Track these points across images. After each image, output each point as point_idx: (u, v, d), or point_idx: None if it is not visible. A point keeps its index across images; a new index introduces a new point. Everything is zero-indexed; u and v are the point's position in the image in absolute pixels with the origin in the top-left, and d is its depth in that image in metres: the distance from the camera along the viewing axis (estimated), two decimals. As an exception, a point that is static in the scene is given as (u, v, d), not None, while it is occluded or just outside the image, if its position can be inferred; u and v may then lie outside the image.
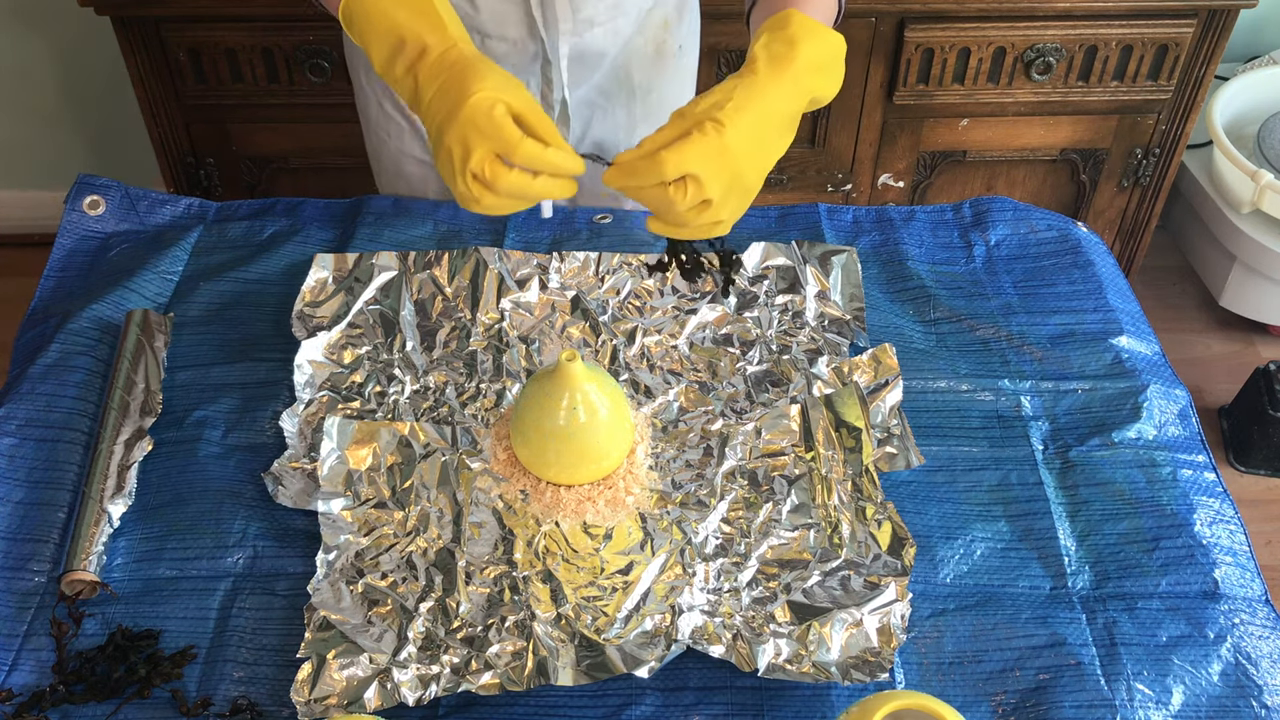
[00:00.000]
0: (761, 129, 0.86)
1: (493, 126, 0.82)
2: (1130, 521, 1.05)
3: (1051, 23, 1.86)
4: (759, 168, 0.88)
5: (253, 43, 1.81)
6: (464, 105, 0.82)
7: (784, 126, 0.90)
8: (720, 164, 0.84)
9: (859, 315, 1.21)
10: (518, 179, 0.84)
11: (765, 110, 0.87)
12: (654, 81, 1.32)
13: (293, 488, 1.05)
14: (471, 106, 0.82)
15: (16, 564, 1.01)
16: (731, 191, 0.86)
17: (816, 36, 0.90)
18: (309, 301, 1.21)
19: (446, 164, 0.84)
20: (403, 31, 0.87)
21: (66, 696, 0.92)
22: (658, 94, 1.33)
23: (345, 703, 0.90)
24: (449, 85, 0.84)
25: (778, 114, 0.88)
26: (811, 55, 0.89)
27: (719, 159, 0.84)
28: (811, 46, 0.89)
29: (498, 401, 1.13)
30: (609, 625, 0.95)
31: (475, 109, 0.82)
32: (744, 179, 0.87)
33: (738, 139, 0.84)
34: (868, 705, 0.81)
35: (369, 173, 2.02)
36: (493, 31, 1.22)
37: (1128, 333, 1.22)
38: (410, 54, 0.87)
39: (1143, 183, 2.09)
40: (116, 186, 1.35)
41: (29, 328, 1.23)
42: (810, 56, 0.89)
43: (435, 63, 0.86)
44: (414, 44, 0.87)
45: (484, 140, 0.82)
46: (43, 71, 2.30)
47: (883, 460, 1.08)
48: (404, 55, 0.88)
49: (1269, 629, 0.98)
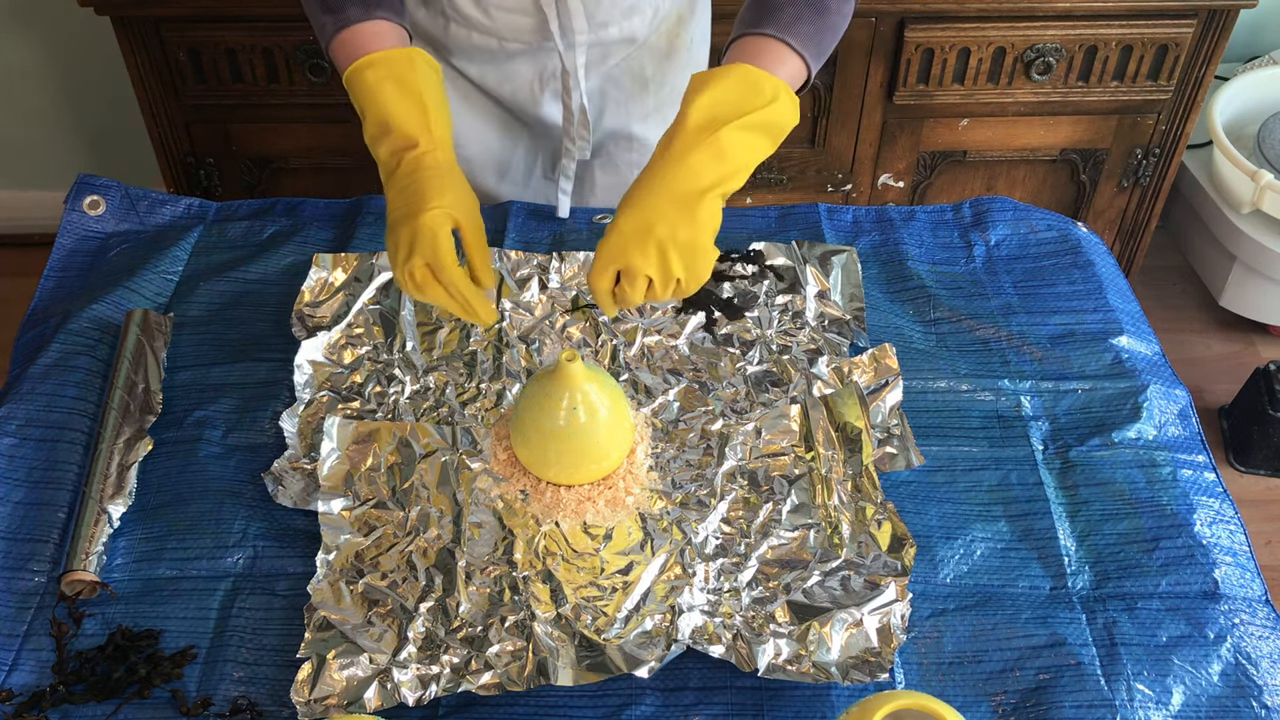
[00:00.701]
0: (658, 198, 0.90)
1: (434, 244, 0.91)
2: (1130, 521, 1.05)
3: (1051, 23, 1.86)
4: (675, 225, 0.90)
5: (253, 43, 1.81)
6: (421, 214, 0.91)
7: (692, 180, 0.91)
8: (622, 246, 0.89)
9: (859, 315, 1.21)
10: (441, 293, 0.93)
11: (654, 183, 0.90)
12: (667, 74, 1.32)
13: (293, 488, 1.05)
14: (426, 219, 0.91)
15: (16, 564, 1.01)
16: (660, 258, 0.89)
17: (702, 91, 0.92)
18: (309, 301, 1.21)
19: (392, 253, 0.94)
20: (392, 120, 0.96)
21: (66, 696, 0.92)
22: (670, 87, 1.33)
23: (345, 703, 0.90)
24: (418, 186, 0.93)
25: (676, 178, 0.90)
26: (699, 113, 0.91)
27: (621, 243, 0.89)
28: (697, 107, 0.91)
29: (498, 401, 1.13)
30: (609, 625, 0.95)
31: (426, 223, 0.91)
32: (667, 242, 0.89)
33: (629, 221, 0.89)
34: (868, 705, 0.81)
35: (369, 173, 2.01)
36: (509, 37, 1.23)
37: (1128, 333, 1.22)
38: (395, 142, 0.96)
39: (1143, 183, 2.09)
40: (116, 186, 1.35)
41: (29, 328, 1.23)
42: (698, 115, 0.91)
43: (414, 159, 0.95)
44: (400, 135, 0.96)
45: (424, 251, 0.91)
46: (43, 71, 2.30)
47: (883, 460, 1.08)
48: (389, 140, 0.96)
49: (1269, 629, 0.98)
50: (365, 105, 0.98)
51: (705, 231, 0.91)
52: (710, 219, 0.91)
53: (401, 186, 0.95)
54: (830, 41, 1.01)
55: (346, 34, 1.01)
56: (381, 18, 1.02)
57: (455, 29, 1.24)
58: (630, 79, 1.31)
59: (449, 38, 1.25)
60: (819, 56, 1.01)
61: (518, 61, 1.26)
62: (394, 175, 0.96)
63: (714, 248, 0.92)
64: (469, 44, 1.24)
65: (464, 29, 1.23)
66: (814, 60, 1.00)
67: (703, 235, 0.90)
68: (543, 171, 1.40)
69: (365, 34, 1.01)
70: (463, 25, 1.23)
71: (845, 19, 1.03)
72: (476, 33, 1.23)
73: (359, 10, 1.02)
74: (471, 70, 1.29)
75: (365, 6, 1.02)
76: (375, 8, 1.02)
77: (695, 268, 0.91)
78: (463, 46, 1.25)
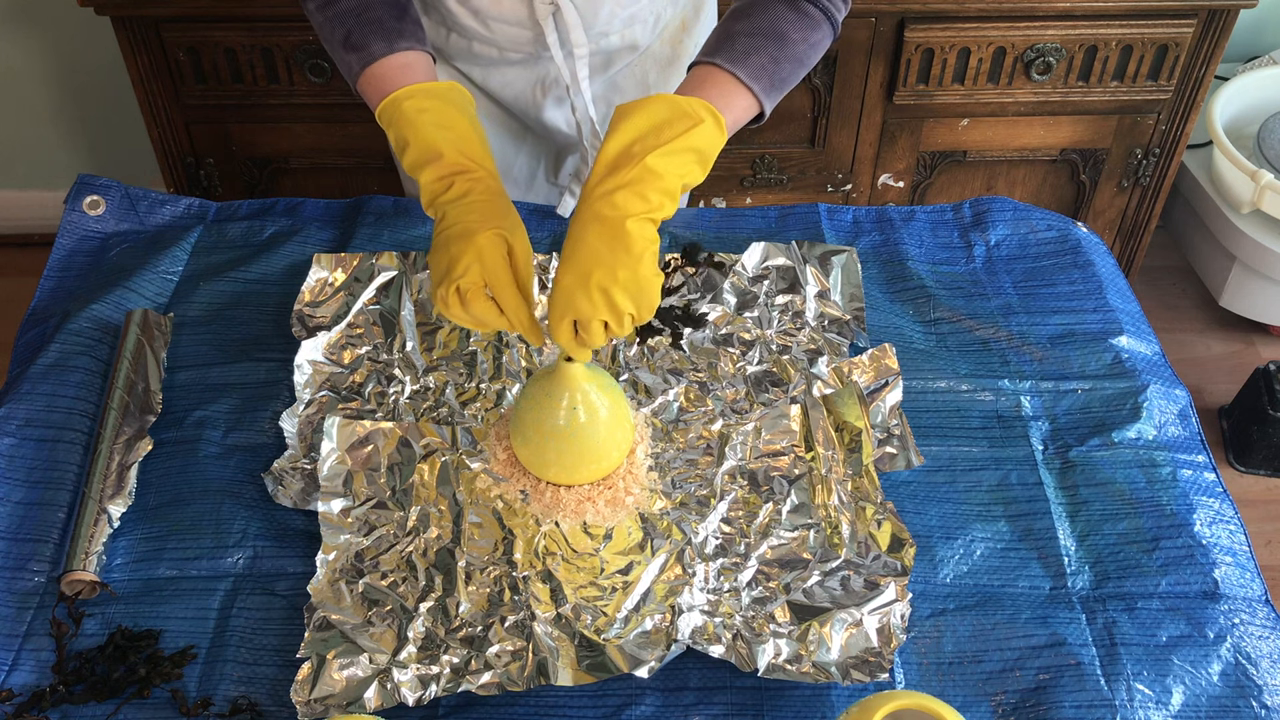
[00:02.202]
0: (590, 241, 0.90)
1: (493, 261, 0.91)
2: (1130, 521, 1.05)
3: (1051, 23, 1.86)
4: (612, 266, 0.90)
5: (253, 43, 1.81)
6: (480, 233, 0.91)
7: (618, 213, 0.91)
8: (567, 299, 0.90)
9: (859, 315, 1.21)
10: (489, 308, 0.92)
11: (583, 226, 0.90)
12: (670, 81, 1.32)
13: (293, 488, 1.05)
14: (485, 237, 0.91)
15: (16, 564, 1.01)
16: (607, 301, 0.89)
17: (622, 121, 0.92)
18: (309, 301, 1.21)
19: (441, 269, 0.92)
20: (441, 146, 0.95)
21: (66, 696, 0.92)
22: None
23: (345, 703, 0.90)
24: (473, 207, 0.93)
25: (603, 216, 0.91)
26: (617, 145, 0.91)
27: (566, 297, 0.90)
28: (615, 139, 0.91)
29: (498, 401, 1.13)
30: (609, 625, 0.95)
31: (487, 241, 0.91)
32: (609, 284, 0.89)
33: (569, 274, 0.90)
34: (868, 705, 0.81)
35: (369, 173, 2.03)
36: (508, 47, 1.23)
37: (1128, 333, 1.22)
38: (443, 167, 0.95)
39: (1143, 183, 2.09)
40: (116, 186, 1.35)
41: (29, 328, 1.23)
42: (615, 147, 0.91)
43: (467, 182, 0.95)
44: (449, 161, 0.95)
45: (480, 267, 0.90)
46: (43, 71, 2.30)
47: (883, 460, 1.08)
48: (436, 165, 0.95)
49: (1269, 629, 0.98)
50: (407, 133, 0.97)
51: (643, 262, 0.90)
52: (645, 248, 0.90)
53: (454, 207, 0.94)
54: (793, 71, 1.01)
55: (375, 68, 1.01)
56: (406, 48, 1.02)
57: (456, 39, 1.24)
58: (634, 85, 1.31)
59: (450, 45, 1.25)
60: (775, 87, 1.00)
61: (519, 68, 1.27)
62: (442, 197, 0.95)
63: (657, 272, 0.92)
64: (469, 52, 1.25)
65: (464, 39, 1.23)
66: (766, 92, 0.99)
67: (642, 267, 0.90)
68: (545, 176, 1.40)
69: (394, 67, 1.01)
70: (462, 35, 1.23)
71: (815, 47, 1.02)
72: (476, 42, 1.23)
73: (382, 45, 1.02)
74: (474, 74, 1.29)
75: (388, 40, 1.02)
76: (398, 39, 1.02)
77: (642, 300, 0.91)
78: (463, 54, 1.26)
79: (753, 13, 1.00)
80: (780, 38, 0.99)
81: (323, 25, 1.06)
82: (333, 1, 1.04)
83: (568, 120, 1.30)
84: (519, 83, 1.28)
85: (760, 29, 0.99)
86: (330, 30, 1.04)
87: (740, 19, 1.01)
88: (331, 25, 1.04)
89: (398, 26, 1.03)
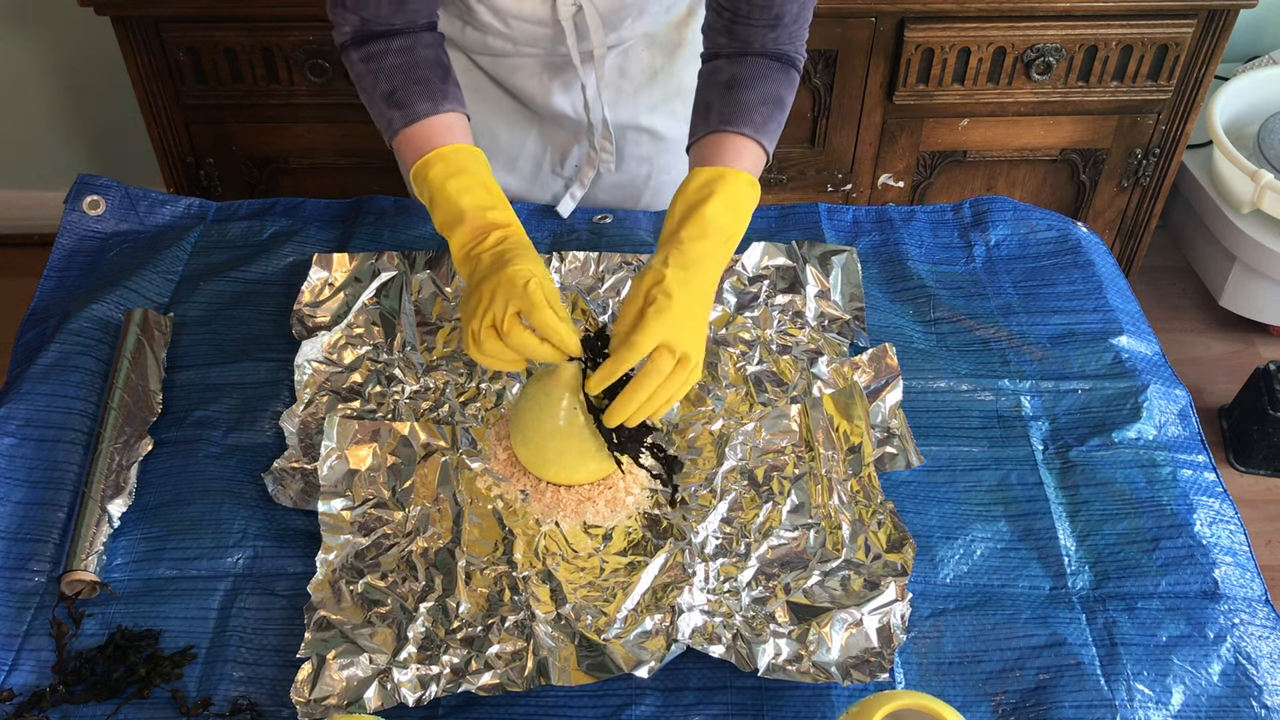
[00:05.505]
0: (698, 284, 0.98)
1: (524, 291, 0.95)
2: (1130, 521, 1.05)
3: (1051, 23, 1.86)
4: (705, 316, 0.99)
5: (253, 43, 1.81)
6: (507, 269, 0.96)
7: (715, 276, 1.01)
8: (680, 325, 0.95)
9: (859, 315, 1.21)
10: (528, 338, 0.96)
11: (699, 271, 0.99)
12: (674, 66, 1.33)
13: (293, 488, 1.05)
14: (513, 271, 0.96)
15: (16, 564, 1.01)
16: (698, 343, 0.97)
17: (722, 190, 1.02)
18: (309, 301, 1.21)
19: (474, 307, 0.97)
20: (465, 211, 1.02)
21: (66, 696, 0.92)
22: (677, 79, 1.34)
23: (345, 703, 0.90)
24: (506, 254, 0.99)
25: (710, 271, 1.00)
26: (718, 210, 1.01)
27: (676, 323, 0.95)
28: (716, 204, 1.01)
29: (498, 401, 1.13)
30: (609, 625, 0.95)
31: (515, 274, 0.96)
32: (700, 330, 0.98)
33: (685, 300, 0.96)
34: (868, 705, 0.81)
35: (369, 173, 2.02)
36: (525, 43, 1.24)
37: (1128, 333, 1.22)
38: (475, 222, 1.02)
39: (1143, 183, 2.09)
40: (116, 186, 1.35)
41: (29, 328, 1.23)
42: (716, 213, 1.01)
43: (500, 235, 1.01)
44: (479, 218, 1.02)
45: (513, 298, 0.95)
46: (43, 71, 2.30)
47: (883, 460, 1.08)
48: (468, 222, 1.02)
49: (1269, 629, 0.98)
50: (436, 196, 1.03)
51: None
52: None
53: (487, 255, 1.00)
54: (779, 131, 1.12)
55: (417, 128, 1.06)
56: (449, 110, 1.07)
57: (472, 32, 1.25)
58: (639, 70, 1.32)
59: (465, 37, 1.26)
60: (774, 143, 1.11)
61: (529, 58, 1.27)
62: (474, 250, 1.01)
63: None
64: (484, 45, 1.26)
65: (480, 33, 1.24)
66: (771, 149, 1.10)
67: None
68: (551, 166, 1.40)
69: (437, 127, 1.06)
70: (479, 30, 1.24)
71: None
72: (492, 37, 1.24)
73: (428, 105, 1.06)
74: (484, 61, 1.29)
75: (433, 101, 1.06)
76: (442, 100, 1.07)
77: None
78: (477, 47, 1.27)
79: (757, 82, 1.09)
80: (779, 102, 1.10)
81: (364, 75, 1.09)
82: (380, 55, 1.08)
83: (575, 106, 1.31)
84: (528, 67, 1.29)
85: (768, 98, 1.09)
86: (373, 81, 1.08)
87: (745, 88, 1.08)
88: (375, 77, 1.08)
89: (443, 89, 1.08)
